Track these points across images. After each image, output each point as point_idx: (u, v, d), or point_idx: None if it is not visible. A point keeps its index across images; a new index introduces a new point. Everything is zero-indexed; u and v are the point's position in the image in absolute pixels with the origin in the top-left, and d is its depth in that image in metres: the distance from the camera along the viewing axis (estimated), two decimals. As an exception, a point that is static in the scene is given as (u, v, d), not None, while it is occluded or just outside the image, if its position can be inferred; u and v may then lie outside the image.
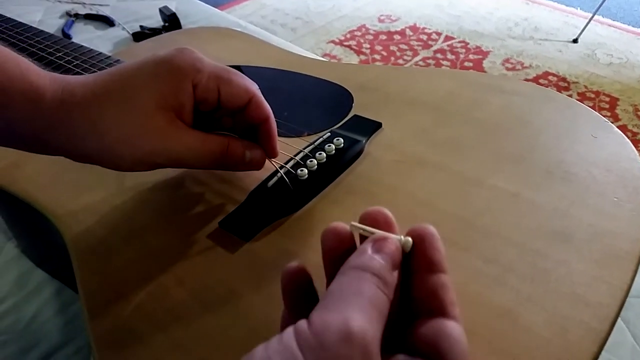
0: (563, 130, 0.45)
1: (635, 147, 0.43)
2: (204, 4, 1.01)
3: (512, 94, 0.50)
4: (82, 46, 0.64)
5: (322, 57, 2.25)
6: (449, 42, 2.32)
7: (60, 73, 0.40)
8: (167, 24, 0.90)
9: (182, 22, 0.91)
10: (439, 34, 2.36)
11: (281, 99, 0.53)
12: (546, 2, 2.59)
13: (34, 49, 0.60)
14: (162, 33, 0.89)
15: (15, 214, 0.50)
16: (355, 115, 0.49)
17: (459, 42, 2.32)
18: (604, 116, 0.46)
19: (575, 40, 2.25)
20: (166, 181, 0.44)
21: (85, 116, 0.34)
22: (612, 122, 0.46)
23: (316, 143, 0.45)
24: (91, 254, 0.38)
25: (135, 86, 0.34)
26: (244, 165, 0.39)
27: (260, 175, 0.42)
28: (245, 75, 0.38)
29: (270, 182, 0.41)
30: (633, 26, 2.38)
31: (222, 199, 0.42)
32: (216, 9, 0.98)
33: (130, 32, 0.90)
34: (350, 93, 0.53)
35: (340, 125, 0.48)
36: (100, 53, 0.62)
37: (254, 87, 0.38)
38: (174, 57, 0.36)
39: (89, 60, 0.59)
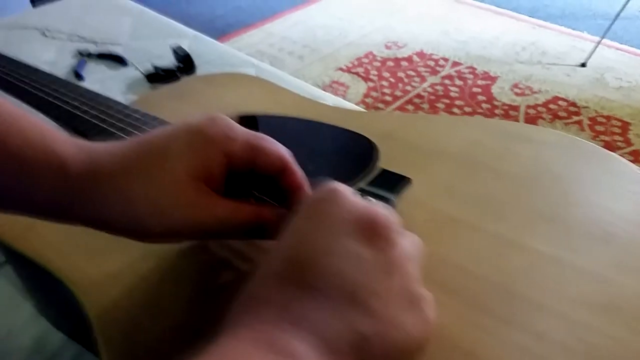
0: (597, 184, 0.44)
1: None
2: (216, 42, 1.01)
3: (540, 144, 0.49)
4: (98, 95, 0.63)
5: (330, 84, 2.26)
6: (457, 68, 2.32)
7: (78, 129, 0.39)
8: (181, 65, 0.89)
9: (195, 61, 0.91)
10: (446, 60, 2.37)
11: (304, 151, 0.52)
12: (553, 26, 2.60)
13: (51, 107, 0.59)
14: (175, 73, 0.89)
15: (31, 275, 0.48)
16: (384, 170, 0.48)
17: (467, 67, 2.32)
18: (616, 141, 0.45)
19: (583, 64, 2.25)
20: (192, 246, 0.42)
21: (114, 187, 0.33)
22: (625, 147, 0.45)
23: (344, 202, 0.43)
24: (116, 329, 0.36)
25: (167, 158, 0.34)
26: (276, 234, 0.38)
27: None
28: (266, 125, 0.37)
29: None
30: (640, 49, 2.38)
31: (249, 264, 0.40)
32: (228, 47, 0.97)
33: (144, 73, 0.90)
34: (374, 144, 0.51)
35: (370, 182, 0.47)
36: (118, 102, 0.61)
37: (287, 156, 0.37)
38: (206, 126, 0.35)
39: (105, 110, 0.58)
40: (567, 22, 2.61)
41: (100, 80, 0.90)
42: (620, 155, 0.45)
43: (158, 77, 0.89)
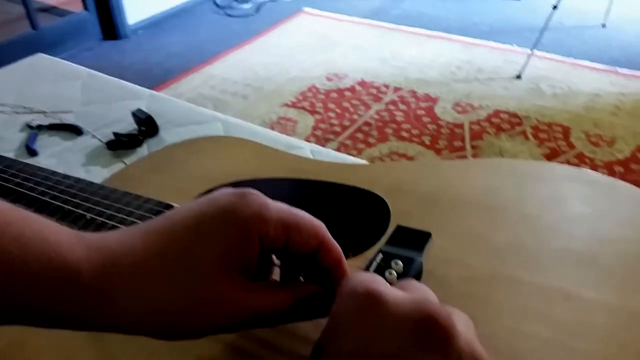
0: (622, 219, 0.43)
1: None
2: (174, 99, 0.97)
3: (555, 182, 0.48)
4: (66, 176, 0.57)
5: (277, 121, 2.24)
6: (399, 93, 2.36)
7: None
8: (142, 128, 0.85)
9: (157, 122, 0.87)
10: (387, 86, 2.41)
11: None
12: (484, 43, 2.70)
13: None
14: (138, 138, 0.84)
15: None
16: (398, 227, 0.46)
17: (408, 91, 2.37)
18: (560, 147, 0.45)
19: (518, 76, 2.34)
20: (216, 344, 0.38)
21: (135, 292, 0.29)
22: (569, 151, 0.45)
23: (372, 269, 0.41)
24: None
25: (195, 249, 0.30)
26: (313, 314, 0.35)
27: (323, 320, 0.38)
28: (264, 191, 0.33)
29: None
30: (567, 57, 2.50)
31: (282, 356, 0.37)
32: (189, 104, 0.94)
33: (104, 141, 0.85)
34: (382, 199, 0.49)
35: (387, 242, 0.45)
36: (92, 183, 0.56)
37: (323, 230, 0.34)
38: (238, 209, 0.31)
39: (78, 193, 0.53)
40: (496, 37, 2.72)
41: (56, 154, 0.84)
42: (566, 159, 0.45)
43: (120, 143, 0.84)
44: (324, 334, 0.29)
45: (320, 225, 0.34)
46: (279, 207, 0.32)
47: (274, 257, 0.36)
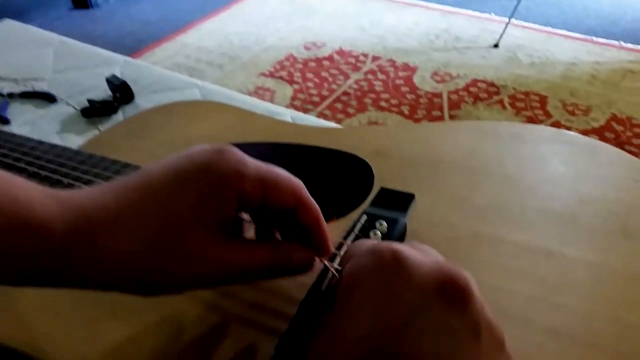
0: (602, 178, 0.44)
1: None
2: (150, 65, 0.94)
3: (535, 143, 0.48)
4: (41, 142, 0.56)
5: (255, 91, 2.21)
6: (377, 62, 2.34)
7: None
8: (117, 94, 0.83)
9: (133, 88, 0.84)
10: (365, 56, 2.39)
11: (294, 179, 0.49)
12: (462, 11, 2.69)
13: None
14: (114, 105, 0.82)
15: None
16: (382, 189, 0.46)
17: (387, 61, 2.35)
18: (537, 115, 0.46)
19: (496, 45, 2.34)
20: (197, 303, 0.38)
21: (111, 248, 0.28)
22: (546, 119, 0.45)
23: (356, 230, 0.41)
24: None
25: (173, 204, 0.29)
26: (290, 273, 0.35)
27: (304, 279, 0.38)
28: (246, 153, 0.33)
29: (325, 285, 0.37)
30: (545, 26, 2.51)
31: (267, 317, 0.37)
32: (165, 70, 0.91)
33: (78, 108, 0.82)
34: (366, 162, 0.49)
35: (371, 204, 0.44)
36: (68, 149, 0.54)
37: (301, 188, 0.33)
38: (215, 163, 0.30)
39: (55, 159, 0.51)
40: (474, 5, 2.71)
41: (30, 122, 0.82)
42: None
43: (95, 110, 0.82)
44: (340, 292, 0.29)
45: (298, 183, 0.34)
46: (257, 164, 0.32)
47: (243, 214, 0.36)
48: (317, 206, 0.34)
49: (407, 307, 0.25)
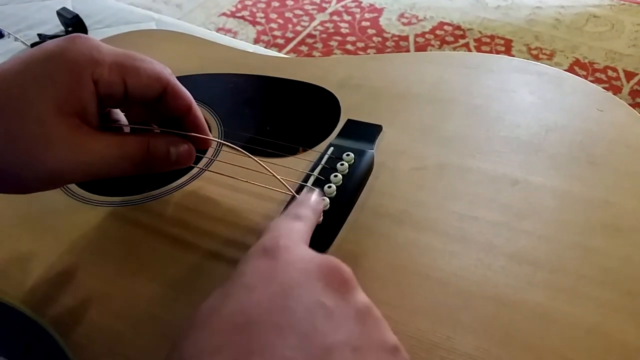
0: (568, 108, 0.44)
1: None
2: (104, -2, 0.89)
3: (502, 73, 0.48)
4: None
5: (216, 31, 2.14)
6: (343, 3, 2.29)
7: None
8: (70, 29, 0.78)
9: (86, 22, 0.80)
10: (331, -5, 2.32)
11: (258, 111, 0.47)
12: (428, -48, 2.62)
13: None
14: (66, 39, 0.78)
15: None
16: (349, 120, 0.45)
17: (353, 2, 2.30)
18: None
19: (463, -12, 2.31)
20: (130, 222, 0.37)
21: None
22: None
23: (323, 162, 0.40)
24: (93, 345, 0.31)
25: (25, 93, 0.28)
26: (171, 164, 0.34)
27: (268, 211, 0.37)
28: (208, 86, 0.31)
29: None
30: (511, -32, 2.47)
31: (229, 248, 0.36)
32: (119, 3, 0.87)
33: (28, 44, 0.78)
34: (332, 94, 0.48)
35: (337, 135, 0.43)
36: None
37: (167, 74, 0.32)
38: (66, 49, 0.29)
39: None
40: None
41: (-25, 57, 0.77)
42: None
43: (46, 45, 0.77)
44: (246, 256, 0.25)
45: (162, 68, 0.32)
46: (114, 50, 0.31)
47: (111, 110, 0.35)
48: (188, 93, 0.34)
49: (289, 282, 0.23)
